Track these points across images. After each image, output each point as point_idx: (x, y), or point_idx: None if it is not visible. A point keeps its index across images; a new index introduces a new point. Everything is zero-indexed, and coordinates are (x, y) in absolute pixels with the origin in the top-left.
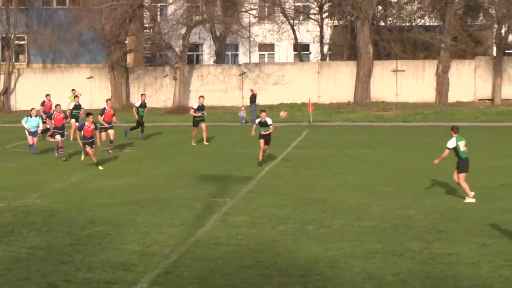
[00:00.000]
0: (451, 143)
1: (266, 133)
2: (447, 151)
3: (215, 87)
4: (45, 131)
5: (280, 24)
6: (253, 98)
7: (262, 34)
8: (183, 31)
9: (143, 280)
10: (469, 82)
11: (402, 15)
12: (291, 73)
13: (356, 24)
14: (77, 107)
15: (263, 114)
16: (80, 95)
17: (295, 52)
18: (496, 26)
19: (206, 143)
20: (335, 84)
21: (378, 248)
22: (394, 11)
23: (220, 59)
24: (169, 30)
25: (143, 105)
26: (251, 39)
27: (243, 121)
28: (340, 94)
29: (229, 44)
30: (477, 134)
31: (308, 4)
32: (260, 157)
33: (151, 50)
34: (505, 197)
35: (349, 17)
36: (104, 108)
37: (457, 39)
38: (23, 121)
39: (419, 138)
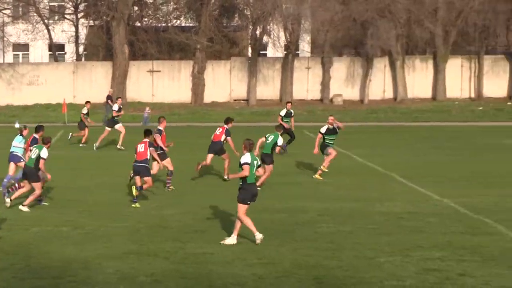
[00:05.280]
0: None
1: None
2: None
3: None
4: None
5: (34, 24)
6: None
7: (16, 34)
8: None
9: None
10: (225, 82)
11: (158, 15)
12: (46, 73)
13: (111, 24)
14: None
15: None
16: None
17: (50, 52)
18: (251, 27)
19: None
20: (90, 84)
21: (133, 249)
22: (150, 12)
23: None
24: None
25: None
26: (5, 38)
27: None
28: (96, 94)
29: None
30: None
31: (63, 3)
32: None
33: None
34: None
35: (104, 17)
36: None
37: (213, 40)
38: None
39: (175, 139)
